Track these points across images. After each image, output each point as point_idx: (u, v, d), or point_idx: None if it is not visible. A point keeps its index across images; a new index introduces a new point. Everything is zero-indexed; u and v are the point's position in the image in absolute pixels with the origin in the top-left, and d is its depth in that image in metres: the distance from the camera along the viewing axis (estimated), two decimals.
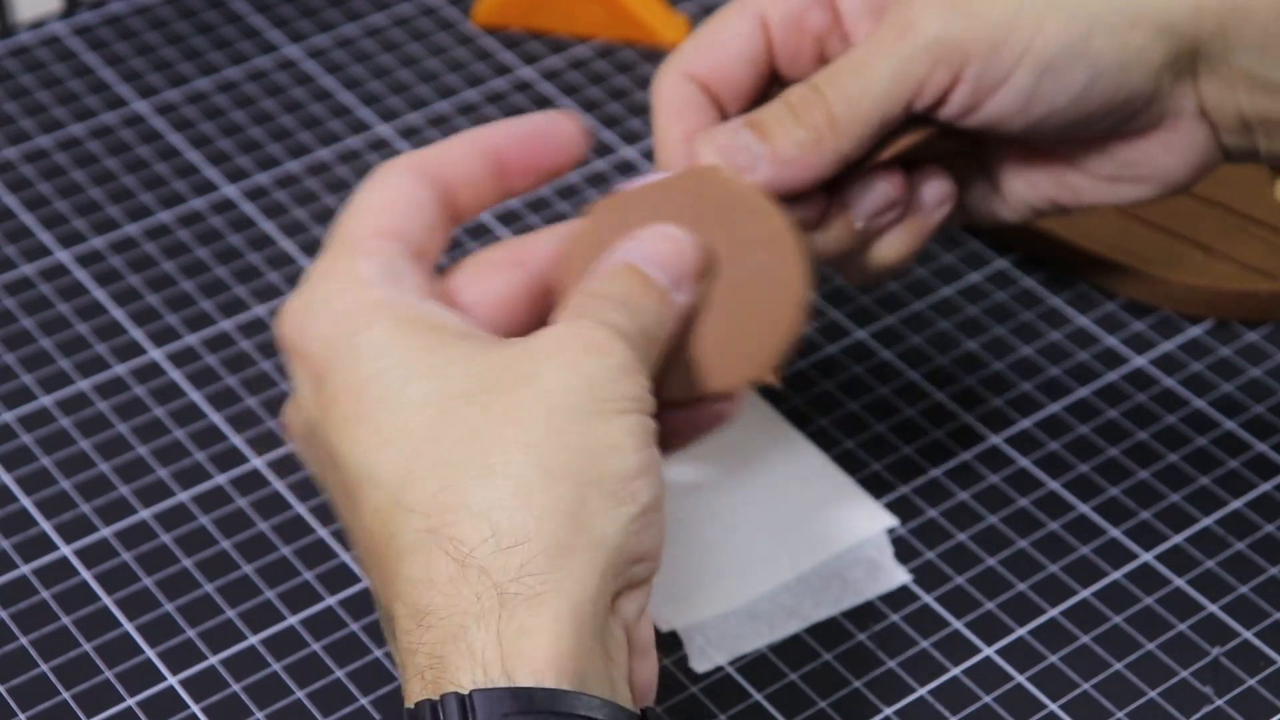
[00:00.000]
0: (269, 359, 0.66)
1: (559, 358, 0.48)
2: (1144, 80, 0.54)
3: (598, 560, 0.46)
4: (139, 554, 0.60)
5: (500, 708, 0.43)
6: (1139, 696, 0.56)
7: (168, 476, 0.63)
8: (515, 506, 0.46)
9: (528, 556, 0.45)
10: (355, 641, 0.58)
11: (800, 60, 0.57)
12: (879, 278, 0.59)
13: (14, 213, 0.73)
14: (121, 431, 0.64)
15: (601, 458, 0.47)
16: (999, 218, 0.59)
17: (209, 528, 0.61)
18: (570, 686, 0.44)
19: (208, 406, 0.65)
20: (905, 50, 0.54)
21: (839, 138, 0.54)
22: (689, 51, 0.57)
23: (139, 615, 0.58)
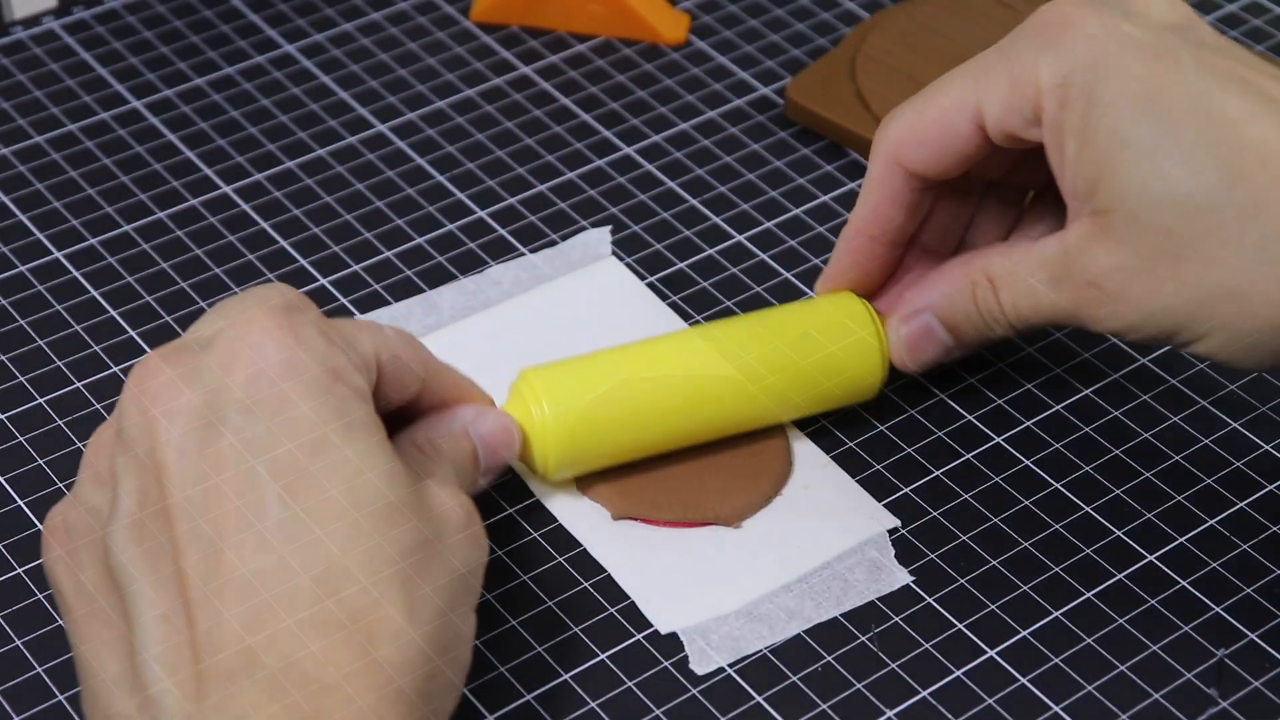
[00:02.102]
0: None
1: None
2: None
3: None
4: None
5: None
6: (1143, 698, 0.56)
7: None
8: (414, 646, 0.49)
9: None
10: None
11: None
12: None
13: (9, 211, 0.72)
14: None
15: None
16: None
17: None
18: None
19: None
20: (1080, 295, 0.57)
21: (1019, 333, 0.60)
22: (904, 135, 0.60)
23: None
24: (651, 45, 0.80)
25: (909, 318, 0.61)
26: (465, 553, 0.52)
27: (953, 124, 0.58)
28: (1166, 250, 0.55)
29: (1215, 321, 0.55)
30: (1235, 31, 0.81)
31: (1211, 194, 0.54)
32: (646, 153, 0.75)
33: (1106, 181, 0.55)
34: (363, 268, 0.70)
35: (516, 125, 0.76)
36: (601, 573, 0.59)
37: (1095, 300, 0.57)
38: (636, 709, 0.56)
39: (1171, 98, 0.55)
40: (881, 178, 0.60)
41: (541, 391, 0.59)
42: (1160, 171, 0.54)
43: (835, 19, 0.82)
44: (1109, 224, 0.56)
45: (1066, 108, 0.56)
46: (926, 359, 0.62)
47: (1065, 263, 0.57)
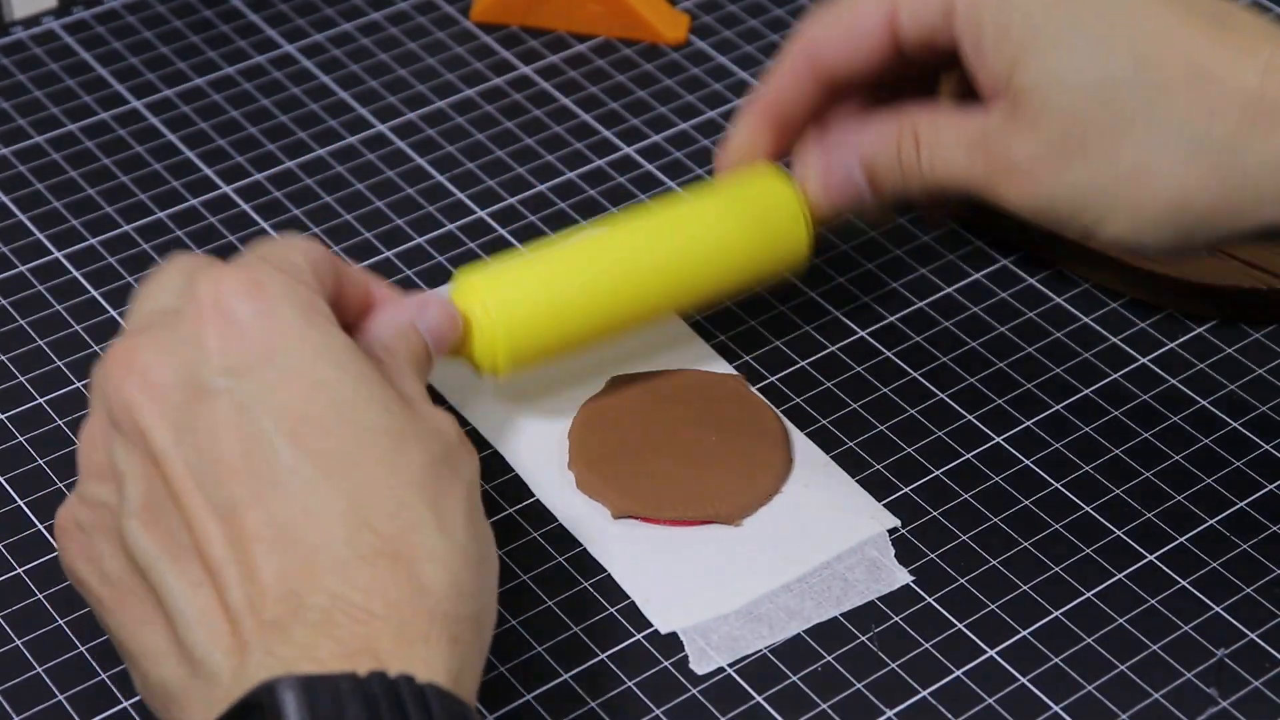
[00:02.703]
0: None
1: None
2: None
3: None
4: None
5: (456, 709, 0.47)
6: (1143, 698, 0.56)
7: None
8: (454, 561, 0.49)
9: (458, 609, 0.49)
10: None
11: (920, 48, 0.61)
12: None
13: (9, 211, 0.72)
14: None
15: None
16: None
17: None
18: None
19: None
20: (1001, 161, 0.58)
21: (931, 196, 0.61)
22: (817, 32, 0.62)
23: None
24: (651, 45, 0.80)
25: (832, 160, 0.62)
26: (468, 462, 0.52)
27: (867, 26, 0.60)
28: (1076, 134, 0.56)
29: (1120, 202, 0.56)
30: None
31: (1119, 78, 0.56)
32: (646, 153, 0.75)
33: (1021, 67, 0.57)
34: (362, 268, 0.70)
35: (516, 125, 0.76)
36: (601, 573, 0.59)
37: (1007, 178, 0.58)
38: (636, 709, 0.56)
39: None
40: (790, 69, 0.62)
41: (482, 289, 0.60)
42: (1070, 58, 0.56)
43: None
44: (1023, 108, 0.57)
45: (978, 3, 0.58)
46: (840, 200, 0.63)
47: (983, 139, 0.58)
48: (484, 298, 0.60)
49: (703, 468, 0.61)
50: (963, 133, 0.59)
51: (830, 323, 0.67)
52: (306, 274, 0.53)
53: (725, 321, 0.67)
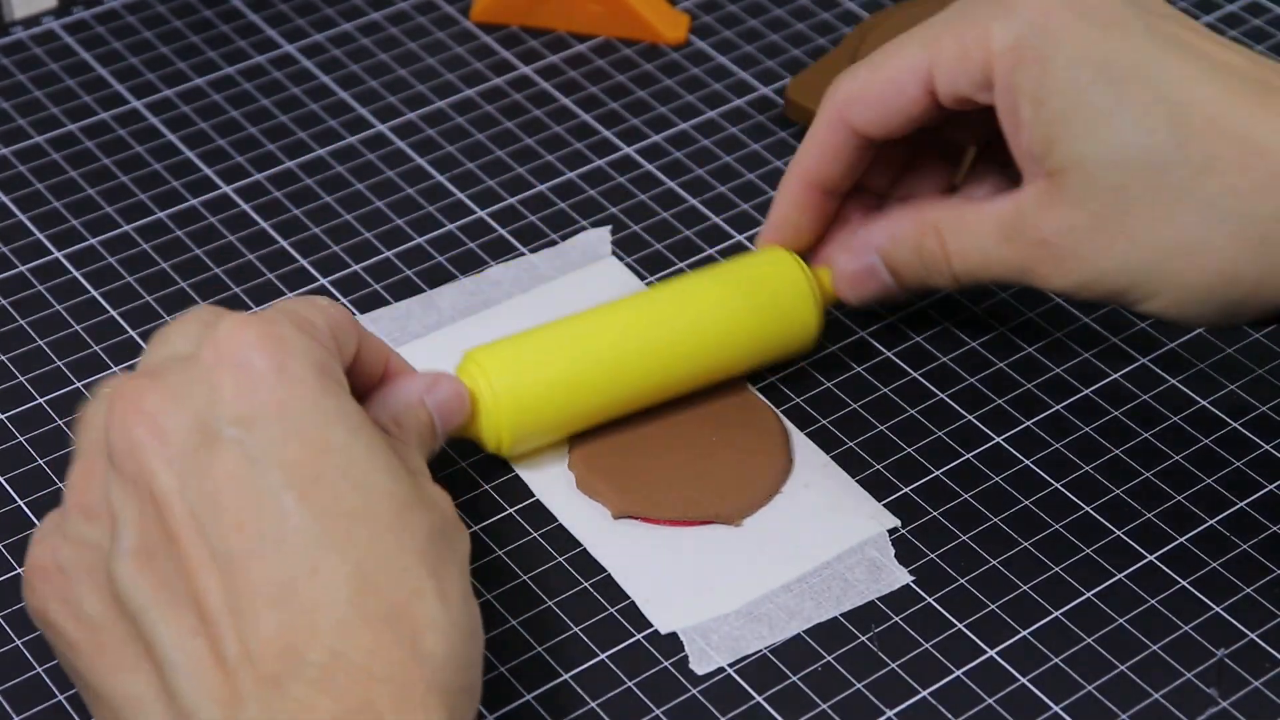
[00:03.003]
0: None
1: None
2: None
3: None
4: None
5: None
6: (1143, 698, 0.56)
7: None
8: (453, 633, 0.49)
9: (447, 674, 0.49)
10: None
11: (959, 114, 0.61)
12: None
13: (9, 211, 0.72)
14: None
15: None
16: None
17: None
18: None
19: None
20: (1025, 252, 0.58)
21: (961, 286, 0.61)
22: (852, 93, 0.61)
23: None
24: (651, 45, 0.80)
25: (855, 254, 0.62)
26: (462, 539, 0.52)
27: (902, 86, 0.60)
28: (1119, 209, 0.56)
29: (1166, 278, 0.56)
30: (1235, 31, 0.81)
31: (1162, 152, 0.55)
32: (646, 153, 0.75)
33: (1060, 143, 0.56)
34: (363, 268, 0.70)
35: (516, 125, 0.76)
36: (601, 573, 0.59)
37: (1046, 259, 0.57)
38: (636, 709, 0.56)
39: (1122, 61, 0.56)
40: (826, 133, 0.62)
41: (489, 369, 0.60)
42: (1112, 132, 0.56)
43: (835, 19, 0.82)
44: (1062, 184, 0.57)
45: (1019, 71, 0.57)
46: (867, 295, 0.63)
47: (1017, 221, 0.58)
48: (490, 377, 0.60)
49: (703, 468, 0.61)
50: (991, 218, 0.59)
51: (830, 323, 0.67)
52: (325, 336, 0.52)
53: None
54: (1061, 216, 0.57)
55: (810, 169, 0.62)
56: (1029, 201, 0.58)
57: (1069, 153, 0.56)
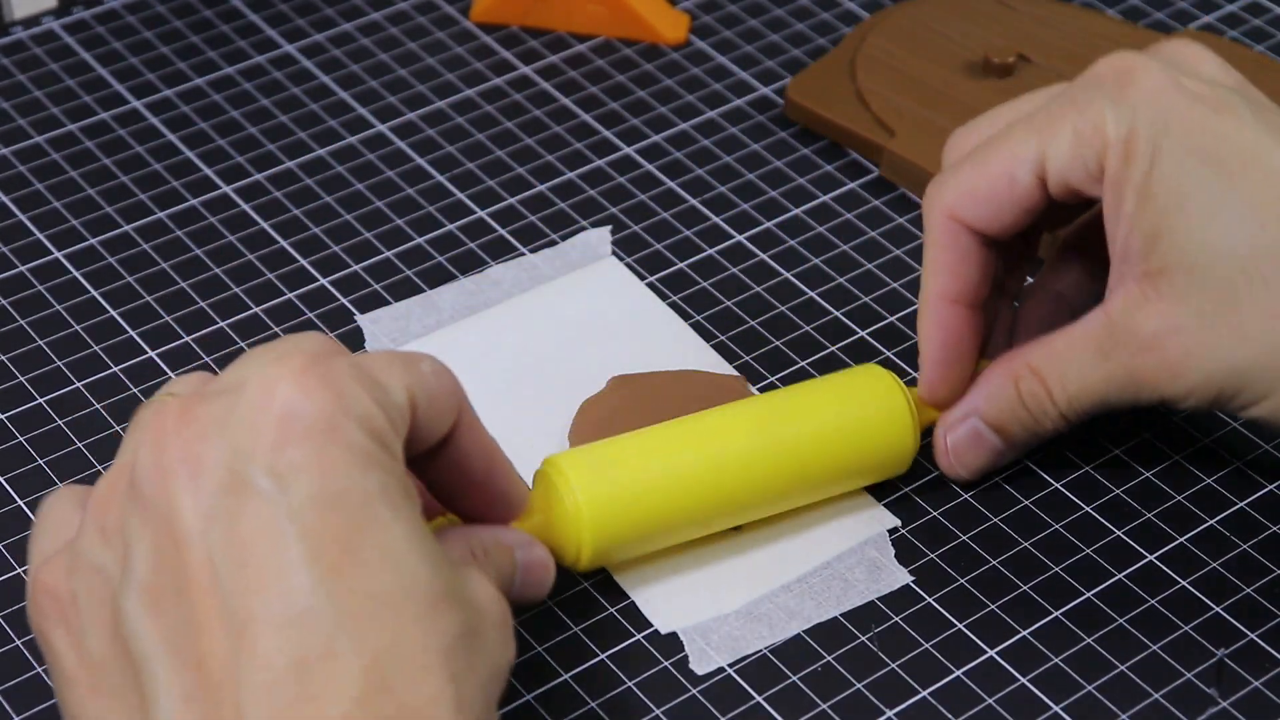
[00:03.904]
0: None
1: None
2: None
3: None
4: None
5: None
6: (1143, 698, 0.56)
7: None
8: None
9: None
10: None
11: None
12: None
13: (9, 211, 0.72)
14: (118, 432, 0.64)
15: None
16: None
17: None
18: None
19: None
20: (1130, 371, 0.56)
21: (1073, 422, 0.59)
22: (962, 191, 0.58)
23: None
24: (651, 45, 0.80)
25: (955, 424, 0.60)
26: (501, 649, 0.48)
27: (1015, 177, 0.57)
28: (1228, 305, 0.54)
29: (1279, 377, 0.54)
30: (1235, 31, 0.81)
31: (1272, 249, 0.53)
32: (646, 153, 0.75)
33: (1165, 237, 0.54)
34: (363, 268, 0.70)
35: (516, 125, 0.76)
36: (601, 573, 0.59)
37: (1152, 365, 0.55)
38: (636, 709, 0.56)
39: (1233, 151, 0.54)
40: (946, 241, 0.58)
41: (575, 483, 0.56)
42: (1221, 225, 0.54)
43: (835, 19, 0.82)
44: (1166, 283, 0.54)
45: (1130, 162, 0.55)
46: (977, 465, 0.60)
47: (1112, 332, 0.56)
48: (574, 493, 0.56)
49: None
50: (1087, 339, 0.56)
51: (830, 323, 0.67)
52: (395, 400, 0.48)
53: (725, 321, 0.67)
54: (1165, 315, 0.55)
55: (946, 284, 0.59)
56: (1124, 305, 0.55)
57: (1175, 246, 0.54)
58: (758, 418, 0.58)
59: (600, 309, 0.68)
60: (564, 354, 0.66)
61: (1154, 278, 0.55)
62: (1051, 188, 0.57)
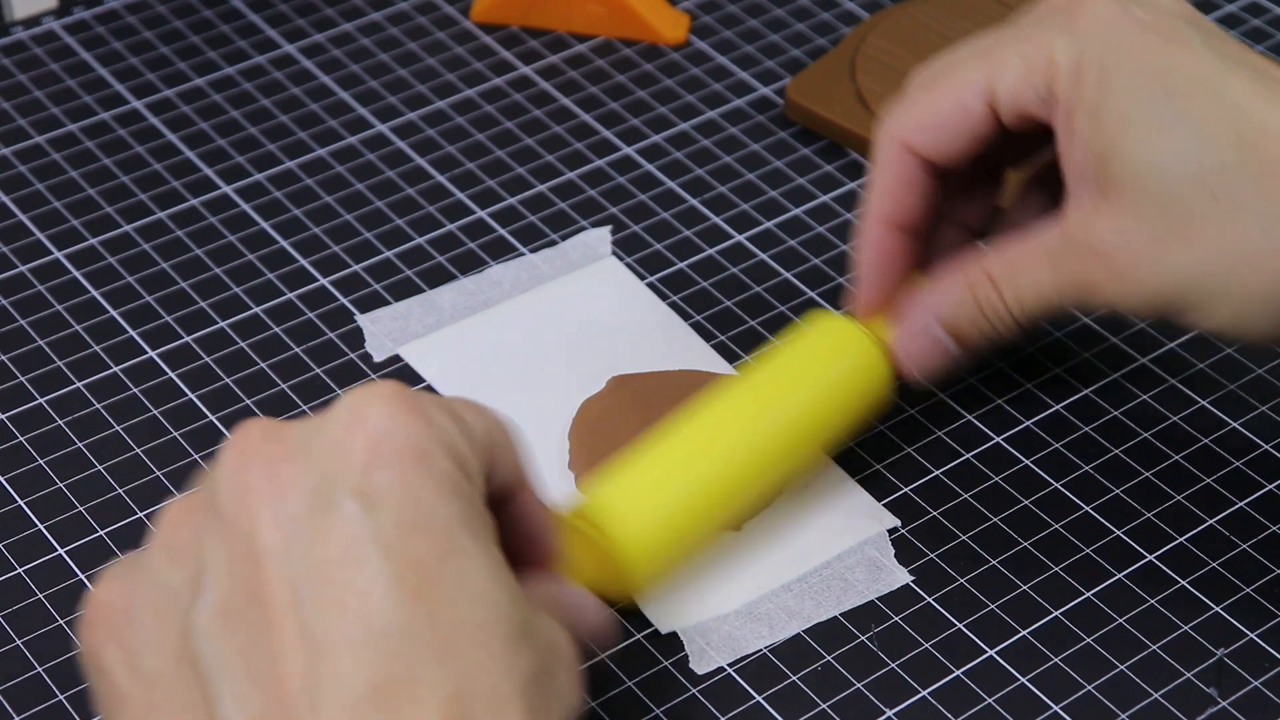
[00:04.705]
0: (267, 359, 0.66)
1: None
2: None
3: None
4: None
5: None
6: (1143, 698, 0.56)
7: (163, 477, 0.62)
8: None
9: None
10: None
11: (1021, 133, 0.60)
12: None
13: (9, 211, 0.72)
14: (118, 432, 0.64)
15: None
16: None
17: None
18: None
19: (204, 407, 0.64)
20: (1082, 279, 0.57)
21: (1025, 327, 0.59)
22: (912, 118, 0.59)
23: None
24: (651, 45, 0.80)
25: (912, 328, 0.61)
26: (571, 692, 0.47)
27: (966, 105, 0.58)
28: (1177, 220, 0.55)
29: (1228, 288, 0.55)
30: (1235, 31, 0.81)
31: (1222, 164, 0.55)
32: (646, 153, 0.75)
33: (1117, 156, 0.56)
34: (363, 268, 0.70)
35: (516, 125, 0.76)
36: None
37: (1103, 276, 0.57)
38: (636, 709, 0.56)
39: (1183, 76, 0.56)
40: (893, 167, 0.60)
41: (616, 537, 0.56)
42: (1172, 144, 0.55)
43: (835, 19, 0.82)
44: (1117, 198, 0.56)
45: (1081, 85, 0.56)
46: (933, 366, 0.61)
47: (1066, 243, 0.57)
48: (625, 552, 0.56)
49: None
50: (1041, 247, 0.58)
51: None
52: (477, 438, 0.47)
53: (725, 321, 0.67)
54: (1117, 228, 0.56)
55: (887, 209, 0.60)
56: (1077, 219, 0.57)
57: (1126, 164, 0.55)
58: (753, 400, 0.59)
59: (600, 309, 0.68)
60: (564, 354, 0.66)
61: (1106, 194, 0.56)
62: (1004, 115, 0.58)
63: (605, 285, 0.69)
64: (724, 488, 0.58)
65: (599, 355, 0.66)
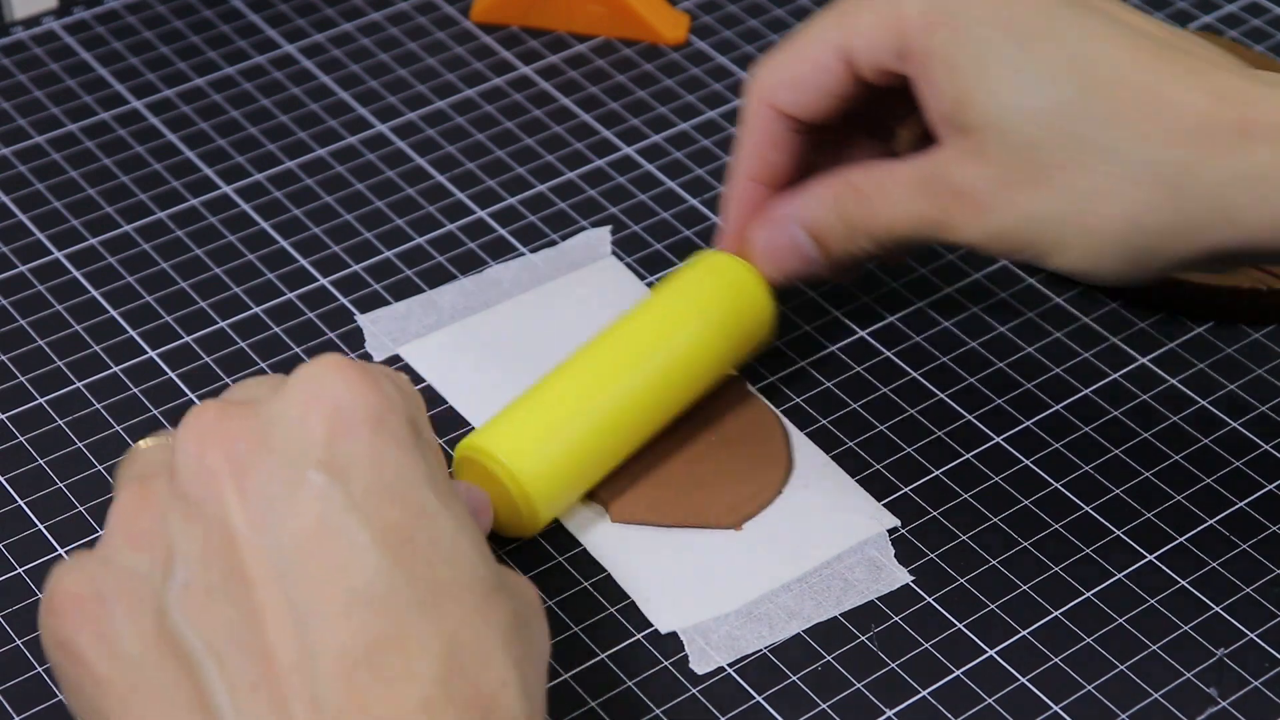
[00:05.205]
0: (267, 359, 0.66)
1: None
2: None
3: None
4: None
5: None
6: (1143, 698, 0.56)
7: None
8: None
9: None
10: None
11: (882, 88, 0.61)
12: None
13: (9, 211, 0.72)
14: (118, 432, 0.64)
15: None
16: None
17: None
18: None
19: None
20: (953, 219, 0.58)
21: (883, 248, 0.61)
22: (772, 77, 0.61)
23: None
24: (651, 45, 0.80)
25: (774, 227, 0.62)
26: (543, 635, 0.49)
27: (821, 63, 0.60)
28: (1028, 162, 0.56)
29: (1077, 228, 0.56)
30: (1234, 31, 0.81)
31: (1069, 105, 0.56)
32: (646, 153, 0.75)
33: (971, 102, 0.57)
34: (363, 268, 0.70)
35: (516, 125, 0.76)
36: (601, 573, 0.59)
37: (959, 210, 0.58)
38: (636, 709, 0.56)
39: (1030, 20, 0.57)
40: (758, 124, 0.62)
41: (500, 456, 0.58)
42: (1021, 88, 0.56)
43: None
44: (975, 141, 0.57)
45: (931, 35, 0.57)
46: (789, 269, 0.62)
47: (933, 174, 0.58)
48: (502, 465, 0.58)
49: (703, 471, 0.61)
50: (906, 175, 0.59)
51: (830, 323, 0.67)
52: (417, 394, 0.50)
53: None
54: (972, 169, 0.57)
55: (753, 165, 0.62)
56: (940, 158, 0.58)
57: (980, 111, 0.57)
58: (632, 328, 0.61)
59: (600, 309, 0.68)
60: (564, 354, 0.66)
61: (964, 138, 0.57)
62: (865, 72, 0.60)
63: (605, 285, 0.69)
64: (608, 410, 0.60)
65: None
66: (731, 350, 0.63)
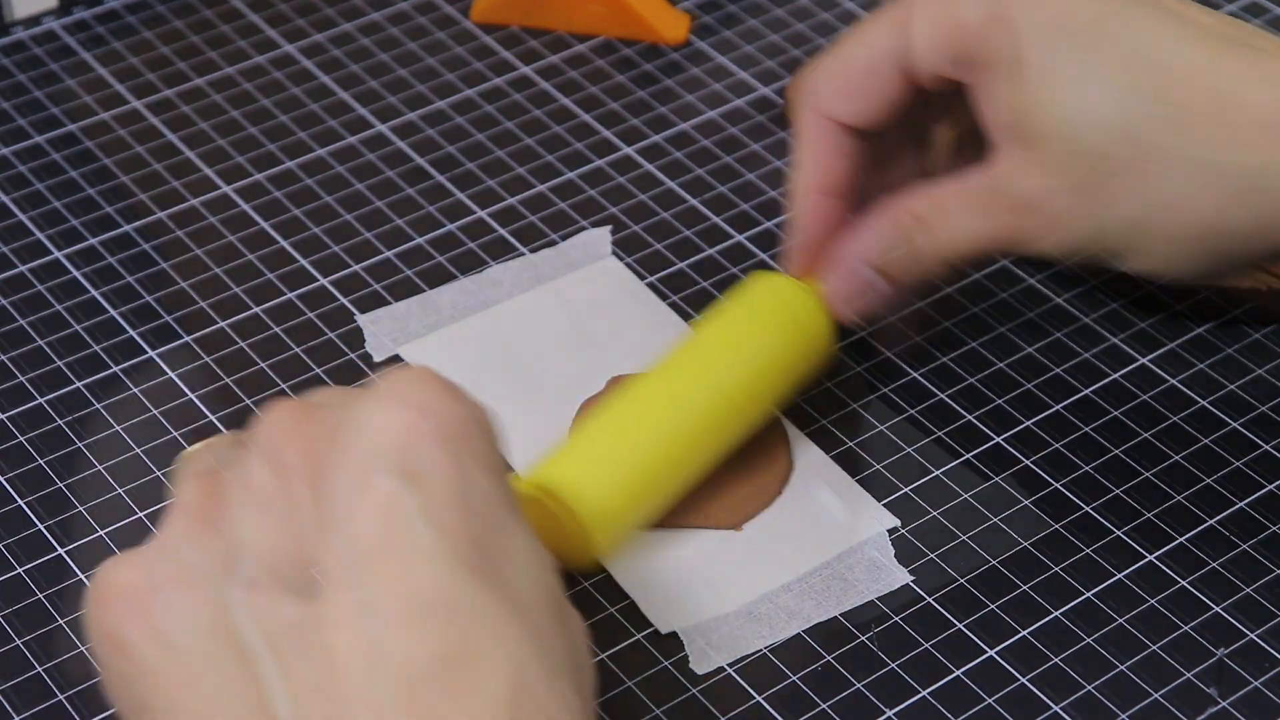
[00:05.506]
0: (267, 359, 0.66)
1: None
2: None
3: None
4: None
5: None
6: (1143, 697, 0.56)
7: (163, 477, 0.62)
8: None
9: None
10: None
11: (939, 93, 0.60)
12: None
13: (10, 211, 0.72)
14: (118, 432, 0.64)
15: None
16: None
17: None
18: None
19: (204, 407, 0.64)
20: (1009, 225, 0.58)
21: (953, 268, 0.60)
22: (825, 87, 0.60)
23: None
24: (651, 45, 0.80)
25: (844, 270, 0.61)
26: (592, 669, 0.47)
27: (879, 72, 0.59)
28: (1101, 171, 0.56)
29: (1153, 236, 0.56)
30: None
31: (1138, 111, 0.55)
32: (646, 153, 0.75)
33: (1035, 113, 0.56)
34: (363, 268, 0.70)
35: (516, 125, 0.76)
36: (601, 573, 0.59)
37: (1033, 226, 0.57)
38: (636, 709, 0.55)
39: (1092, 25, 0.56)
40: (816, 134, 0.61)
41: (567, 496, 0.57)
42: (1087, 96, 0.56)
43: (835, 19, 0.82)
44: (1042, 153, 0.56)
45: (991, 43, 0.57)
46: (864, 306, 0.62)
47: (997, 189, 0.58)
48: (568, 506, 0.57)
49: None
50: (968, 194, 0.58)
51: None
52: (492, 417, 0.47)
53: None
54: (1040, 180, 0.57)
55: (817, 178, 0.61)
56: (1004, 171, 0.57)
57: (1044, 121, 0.56)
58: (697, 360, 0.60)
59: (600, 309, 0.68)
60: (564, 354, 0.66)
61: (1030, 149, 0.57)
62: (921, 78, 0.59)
63: (605, 285, 0.69)
64: (674, 449, 0.59)
65: (599, 355, 0.66)
66: (790, 368, 0.62)
